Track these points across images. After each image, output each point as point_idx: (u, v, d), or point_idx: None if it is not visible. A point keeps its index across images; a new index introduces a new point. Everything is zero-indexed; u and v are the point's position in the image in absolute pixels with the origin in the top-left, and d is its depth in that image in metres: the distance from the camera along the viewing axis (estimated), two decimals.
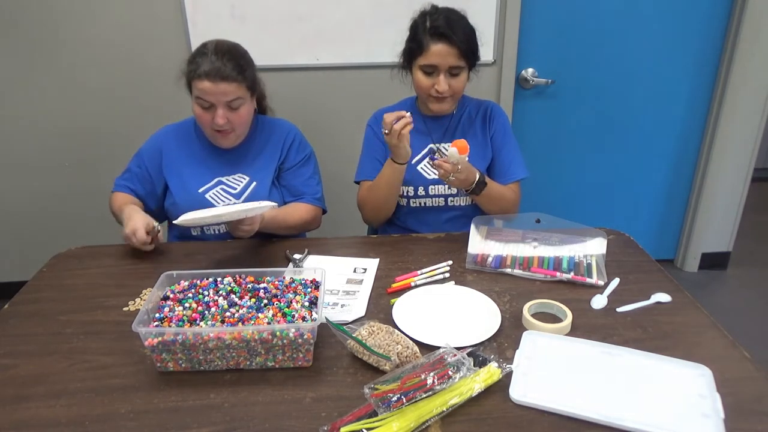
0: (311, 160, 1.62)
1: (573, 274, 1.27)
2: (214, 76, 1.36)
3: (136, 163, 1.56)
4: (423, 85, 1.45)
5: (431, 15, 1.42)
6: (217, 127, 1.41)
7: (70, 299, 1.23)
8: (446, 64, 1.40)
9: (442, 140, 1.57)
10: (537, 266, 1.31)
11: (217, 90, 1.37)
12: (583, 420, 0.87)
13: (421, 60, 1.42)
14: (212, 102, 1.39)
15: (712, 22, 2.39)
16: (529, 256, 1.36)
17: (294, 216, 1.53)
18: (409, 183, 1.55)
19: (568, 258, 1.34)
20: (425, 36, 1.40)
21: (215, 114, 1.40)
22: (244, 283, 1.12)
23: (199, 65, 1.37)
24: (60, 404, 0.92)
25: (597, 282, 1.25)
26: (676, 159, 2.65)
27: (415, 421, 0.84)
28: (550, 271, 1.29)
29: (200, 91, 1.38)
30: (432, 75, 1.43)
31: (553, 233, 1.44)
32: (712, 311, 1.16)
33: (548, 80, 2.40)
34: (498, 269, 1.31)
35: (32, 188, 2.42)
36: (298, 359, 0.99)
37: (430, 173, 1.55)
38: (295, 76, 2.30)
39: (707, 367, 0.96)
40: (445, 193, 1.56)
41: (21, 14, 2.14)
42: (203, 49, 1.40)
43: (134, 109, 2.30)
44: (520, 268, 1.30)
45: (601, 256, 1.33)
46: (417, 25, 1.44)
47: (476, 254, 1.34)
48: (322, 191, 1.62)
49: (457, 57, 1.39)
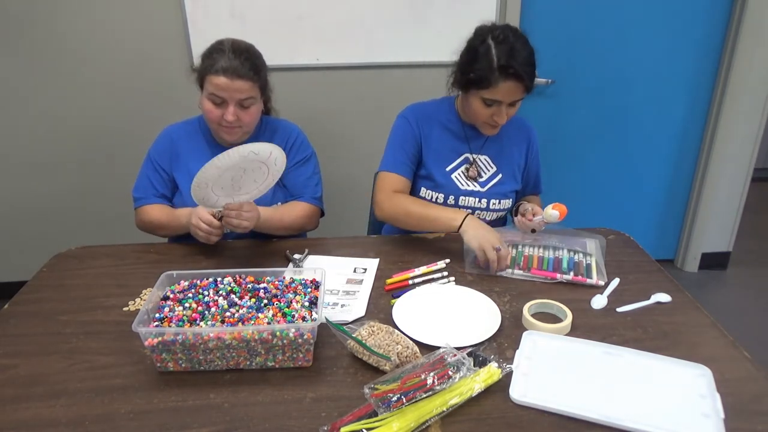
0: (312, 161, 1.62)
1: (573, 274, 1.27)
2: (231, 73, 1.36)
3: (152, 167, 1.53)
4: (481, 113, 1.41)
5: (498, 43, 1.33)
6: (226, 123, 1.42)
7: (70, 299, 1.23)
8: (511, 99, 1.37)
9: (481, 150, 1.55)
10: (537, 267, 1.31)
11: (232, 87, 1.37)
12: (583, 420, 0.87)
13: (485, 93, 1.36)
14: (225, 98, 1.39)
15: (712, 22, 2.39)
16: (528, 255, 1.36)
17: (291, 215, 1.52)
18: (441, 189, 1.52)
19: (567, 258, 1.34)
20: (493, 72, 1.32)
21: (226, 111, 1.40)
22: (244, 283, 1.12)
23: (216, 61, 1.38)
24: (60, 404, 0.92)
25: (597, 282, 1.26)
26: (676, 159, 2.65)
27: (415, 421, 0.84)
28: (550, 272, 1.29)
29: (215, 87, 1.38)
30: (492, 107, 1.39)
31: (552, 234, 1.45)
32: (712, 311, 1.16)
33: (548, 80, 2.40)
34: (498, 272, 1.31)
35: (32, 188, 2.42)
36: (298, 359, 0.99)
37: (463, 183, 1.53)
38: (295, 76, 2.30)
39: (707, 367, 0.96)
40: (474, 206, 1.53)
41: (21, 14, 2.14)
42: (220, 46, 1.40)
43: (134, 108, 2.30)
44: (519, 270, 1.30)
45: (600, 257, 1.33)
46: (480, 53, 1.35)
47: (474, 256, 1.34)
48: (321, 192, 1.61)
49: (522, 92, 1.36)
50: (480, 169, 1.54)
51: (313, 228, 1.61)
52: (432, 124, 1.54)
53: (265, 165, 1.27)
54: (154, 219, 1.50)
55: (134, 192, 1.55)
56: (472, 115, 1.46)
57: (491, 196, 1.53)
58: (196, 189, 1.24)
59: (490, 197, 1.53)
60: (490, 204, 1.54)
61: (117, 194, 2.38)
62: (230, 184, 1.27)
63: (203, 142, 1.55)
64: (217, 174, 1.22)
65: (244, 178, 1.27)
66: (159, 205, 1.52)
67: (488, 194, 1.53)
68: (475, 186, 1.53)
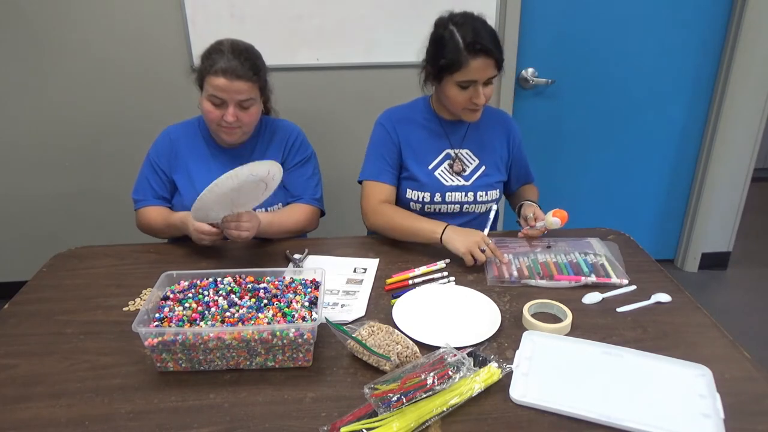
0: (312, 161, 1.62)
1: (595, 276, 1.27)
2: (231, 74, 1.36)
3: (151, 169, 1.53)
4: (460, 100, 1.41)
5: (459, 27, 1.36)
6: (226, 124, 1.41)
7: (70, 299, 1.23)
8: (485, 77, 1.38)
9: (461, 145, 1.55)
10: (558, 273, 1.28)
11: (231, 88, 1.37)
12: (583, 420, 0.87)
13: (459, 76, 1.37)
14: (225, 99, 1.38)
15: (712, 22, 2.38)
16: (544, 262, 1.34)
17: (291, 219, 1.52)
18: (426, 188, 1.52)
19: (582, 261, 1.33)
20: (461, 53, 1.34)
21: (226, 112, 1.40)
22: (244, 283, 1.12)
23: (215, 62, 1.37)
24: (60, 404, 0.92)
25: (621, 281, 1.25)
26: (676, 159, 2.65)
27: (415, 421, 0.84)
28: (574, 276, 1.27)
29: (214, 88, 1.37)
30: (468, 89, 1.40)
31: (559, 239, 1.45)
32: (712, 311, 1.16)
33: (548, 80, 2.40)
34: (520, 282, 1.27)
35: (32, 188, 2.41)
36: (298, 359, 0.99)
37: (447, 179, 1.53)
38: (295, 76, 2.30)
39: (707, 367, 0.96)
40: (462, 200, 1.54)
41: (21, 14, 2.14)
42: (219, 47, 1.40)
43: (134, 109, 2.30)
44: (542, 279, 1.27)
45: (611, 255, 1.33)
46: (445, 38, 1.37)
47: (494, 270, 1.32)
48: (321, 192, 1.62)
49: (494, 67, 1.38)
50: (464, 164, 1.54)
51: (313, 229, 1.61)
52: (408, 125, 1.55)
53: (263, 182, 1.28)
54: (152, 221, 1.51)
55: (133, 194, 1.55)
56: (450, 104, 1.46)
57: (477, 188, 1.53)
58: (197, 212, 1.25)
59: (477, 190, 1.53)
60: (477, 196, 1.53)
61: (117, 194, 2.38)
62: (229, 202, 1.28)
63: (203, 142, 1.55)
64: (216, 199, 1.23)
65: (242, 195, 1.28)
66: (157, 207, 1.52)
67: (474, 187, 1.53)
68: (460, 181, 1.53)
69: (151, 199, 1.53)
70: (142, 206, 1.53)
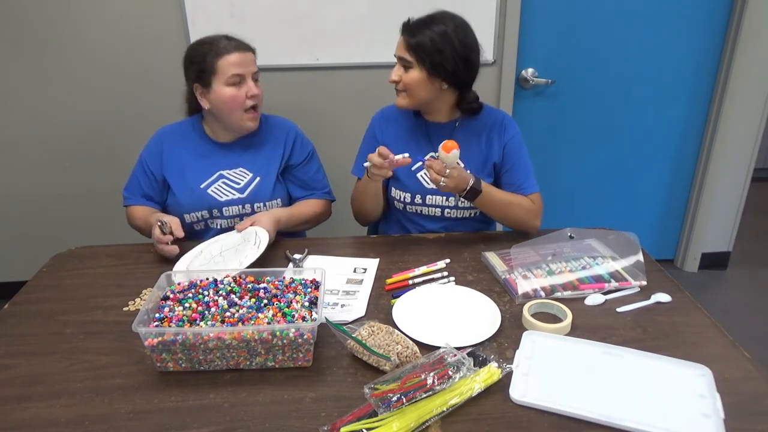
0: (314, 156, 1.67)
1: (615, 281, 1.25)
2: (240, 47, 1.43)
3: (141, 169, 1.55)
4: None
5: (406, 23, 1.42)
6: (253, 100, 1.46)
7: (70, 299, 1.23)
8: (398, 54, 1.41)
9: None
10: (580, 284, 1.24)
11: (245, 59, 1.43)
12: (583, 420, 0.87)
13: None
14: (243, 74, 1.43)
15: (712, 22, 2.38)
16: (561, 274, 1.28)
17: (308, 211, 1.59)
18: (407, 189, 1.53)
19: (595, 265, 1.31)
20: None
21: (247, 88, 1.44)
22: (244, 283, 1.12)
23: (217, 45, 1.42)
24: (60, 404, 0.92)
25: (641, 283, 1.25)
26: (676, 159, 2.65)
27: (415, 421, 0.84)
28: (598, 284, 1.24)
29: (231, 65, 1.41)
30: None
31: (564, 246, 1.38)
32: (712, 311, 1.16)
33: (548, 80, 2.40)
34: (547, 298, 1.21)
35: (32, 188, 2.41)
36: (298, 359, 0.99)
37: (429, 182, 1.51)
38: (294, 76, 2.30)
39: (707, 367, 0.96)
40: (442, 204, 1.52)
41: (20, 14, 2.14)
42: (207, 39, 1.45)
43: (134, 109, 2.30)
44: (568, 291, 1.22)
45: (617, 257, 1.32)
46: None
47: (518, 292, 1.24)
48: (328, 183, 1.68)
49: (405, 49, 1.38)
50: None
51: (328, 218, 1.68)
52: (390, 125, 1.56)
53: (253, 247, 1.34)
54: (136, 219, 1.54)
55: (124, 191, 1.58)
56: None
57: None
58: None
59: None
60: (459, 202, 1.51)
61: (117, 194, 2.34)
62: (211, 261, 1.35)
63: (197, 139, 1.56)
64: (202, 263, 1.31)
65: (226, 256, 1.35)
66: (143, 207, 1.55)
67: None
68: None
69: (138, 197, 1.56)
70: (129, 204, 1.57)
